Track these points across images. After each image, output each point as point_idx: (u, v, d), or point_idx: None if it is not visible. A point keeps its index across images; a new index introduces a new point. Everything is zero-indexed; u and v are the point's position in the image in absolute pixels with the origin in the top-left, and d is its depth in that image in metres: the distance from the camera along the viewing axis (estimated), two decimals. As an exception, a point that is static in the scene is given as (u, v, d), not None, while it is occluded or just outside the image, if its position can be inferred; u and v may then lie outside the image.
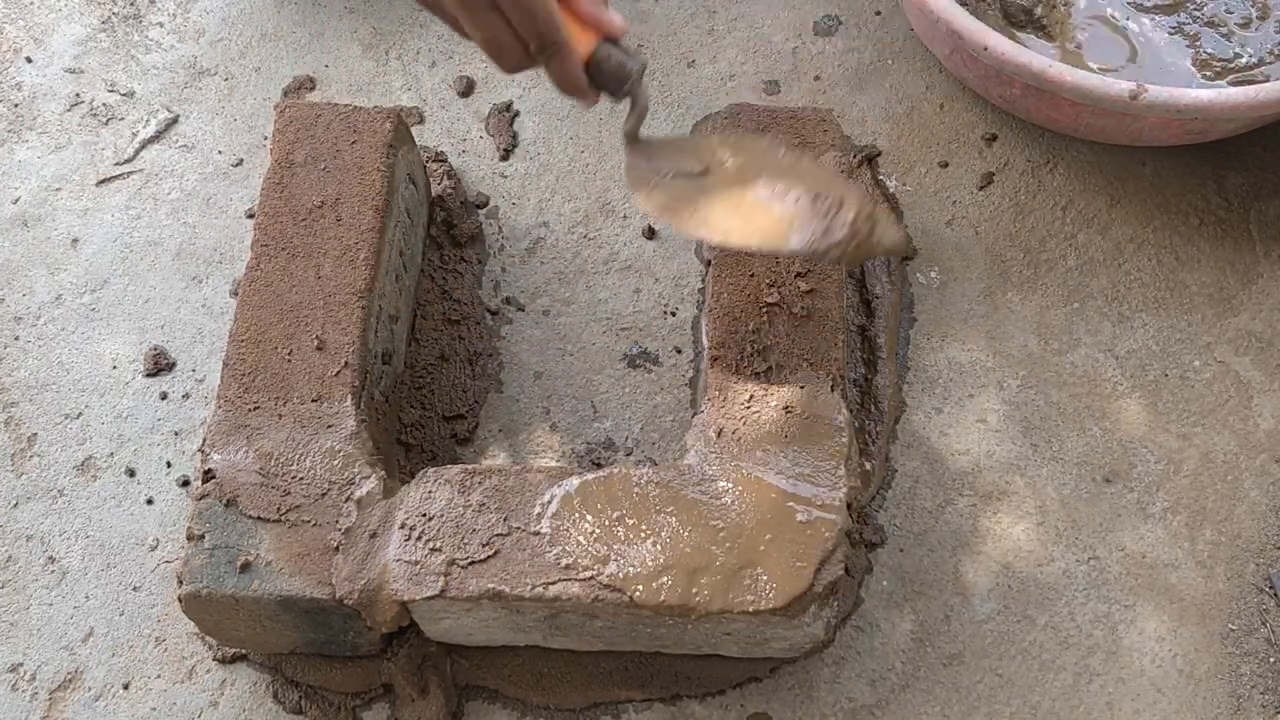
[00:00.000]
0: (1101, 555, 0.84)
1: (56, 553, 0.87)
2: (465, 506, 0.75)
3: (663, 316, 0.94)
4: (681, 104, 1.03)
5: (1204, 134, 0.91)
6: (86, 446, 0.91)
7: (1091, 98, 0.85)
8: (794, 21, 1.06)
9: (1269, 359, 0.90)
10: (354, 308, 0.81)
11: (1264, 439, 0.87)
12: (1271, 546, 0.84)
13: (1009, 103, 0.94)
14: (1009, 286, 0.94)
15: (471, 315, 0.94)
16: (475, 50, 1.07)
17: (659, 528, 0.73)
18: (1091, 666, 0.80)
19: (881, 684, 0.80)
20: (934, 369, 0.90)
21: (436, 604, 0.73)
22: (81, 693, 0.82)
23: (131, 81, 1.07)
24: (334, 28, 1.09)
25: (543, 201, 0.99)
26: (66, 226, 1.00)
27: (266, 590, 0.73)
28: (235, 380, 0.80)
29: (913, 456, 0.87)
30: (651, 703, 0.80)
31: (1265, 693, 0.79)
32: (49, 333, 0.95)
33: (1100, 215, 0.96)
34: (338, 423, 0.78)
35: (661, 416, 0.90)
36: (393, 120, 0.88)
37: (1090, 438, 0.88)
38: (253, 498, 0.76)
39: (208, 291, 0.97)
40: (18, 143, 1.04)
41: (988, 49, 0.87)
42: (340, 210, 0.84)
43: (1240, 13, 0.96)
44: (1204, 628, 0.81)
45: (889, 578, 0.84)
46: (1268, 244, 0.95)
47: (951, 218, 0.97)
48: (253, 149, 1.03)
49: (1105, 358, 0.91)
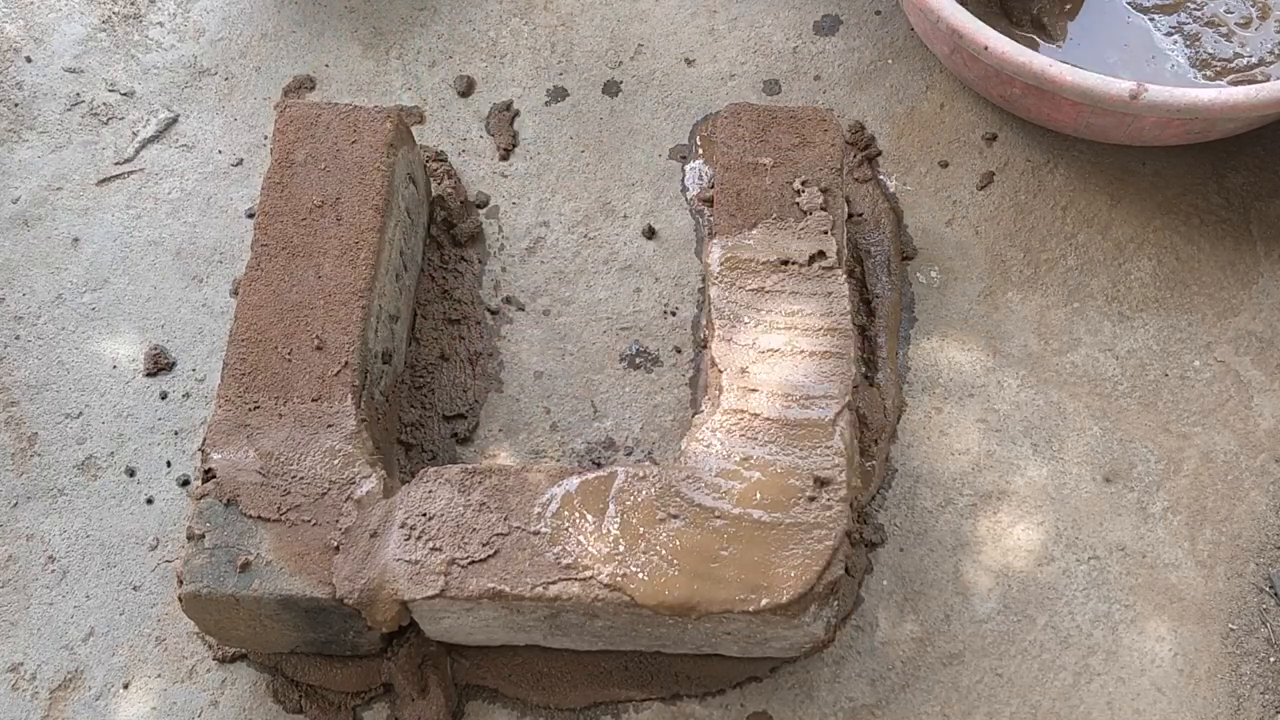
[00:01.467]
0: (1101, 555, 0.84)
1: (57, 552, 0.87)
2: (465, 506, 0.75)
3: (663, 316, 0.94)
4: (681, 103, 1.03)
5: (1204, 134, 0.91)
6: (87, 446, 0.91)
7: (1092, 97, 0.85)
8: (794, 21, 1.06)
9: (1269, 359, 0.90)
10: (354, 307, 0.81)
11: (1264, 439, 0.87)
12: (1271, 546, 0.84)
13: (1009, 102, 0.94)
14: (1009, 286, 0.94)
15: (472, 315, 0.94)
16: (475, 50, 1.07)
17: (659, 527, 0.73)
18: (1091, 666, 0.80)
19: (881, 683, 0.80)
20: (934, 369, 0.90)
21: (436, 603, 0.73)
22: (82, 692, 0.82)
23: (132, 81, 1.07)
24: (334, 27, 1.09)
25: (543, 201, 0.99)
26: (67, 226, 1.00)
27: (267, 590, 0.73)
28: (235, 380, 0.80)
29: (913, 456, 0.87)
30: (651, 702, 0.80)
31: (1265, 692, 0.79)
32: (49, 332, 0.95)
33: (1100, 215, 0.96)
34: (338, 422, 0.78)
35: (661, 416, 0.90)
36: (393, 120, 0.88)
37: (1090, 437, 0.88)
38: (253, 497, 0.76)
39: (208, 291, 0.97)
40: (18, 142, 1.04)
41: (988, 49, 0.87)
42: (340, 210, 0.84)
43: (1240, 12, 0.96)
44: (1204, 627, 0.81)
45: (889, 577, 0.84)
46: (1268, 244, 0.95)
47: (952, 217, 0.97)
48: (253, 148, 1.03)
49: (1105, 357, 0.91)
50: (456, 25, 1.09)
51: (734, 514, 0.73)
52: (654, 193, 0.99)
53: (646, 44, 1.06)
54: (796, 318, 0.81)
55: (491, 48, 1.07)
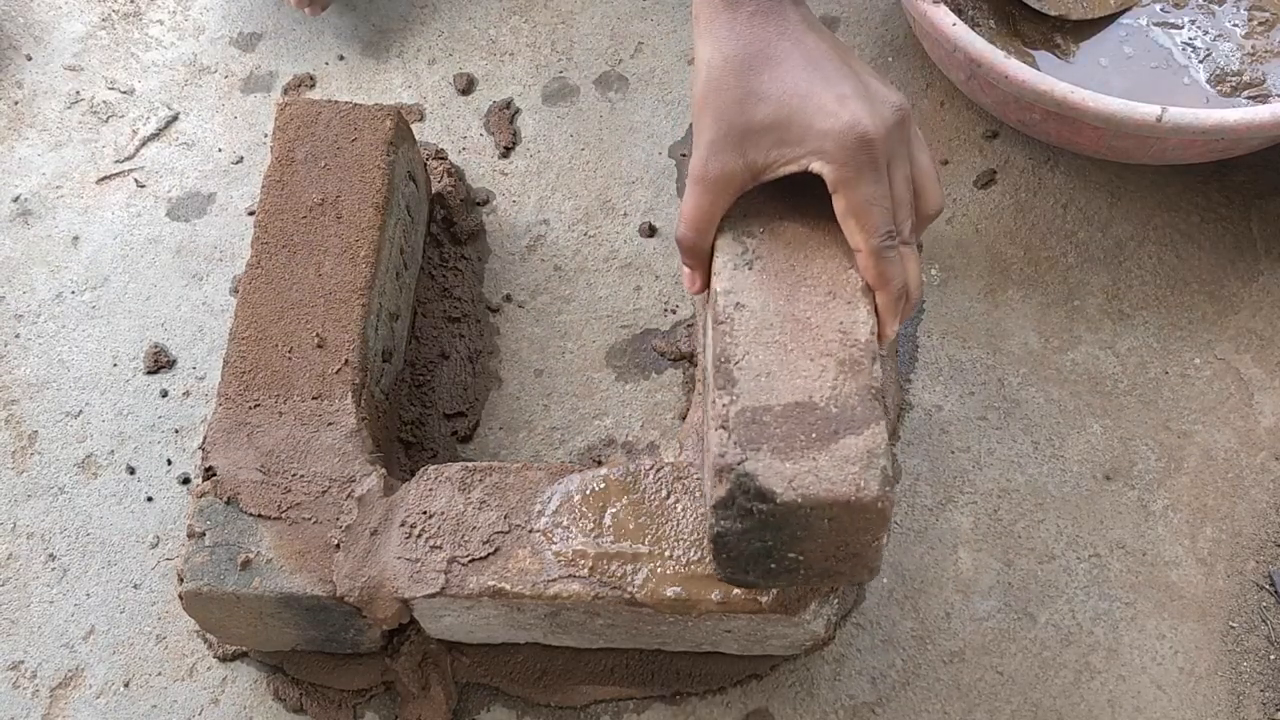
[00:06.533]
0: (1102, 553, 0.84)
1: (57, 550, 0.87)
2: (466, 504, 0.75)
3: (663, 314, 0.94)
4: (681, 102, 1.03)
5: (1227, 152, 0.90)
6: (87, 444, 0.91)
7: (1115, 122, 0.84)
8: (794, 19, 1.06)
9: (1270, 356, 0.90)
10: (354, 305, 0.81)
11: (1265, 436, 0.87)
12: (1272, 544, 0.84)
13: (1028, 126, 0.93)
14: (1009, 284, 0.94)
15: (472, 313, 0.94)
16: (475, 47, 1.07)
17: (660, 524, 0.73)
18: (1092, 664, 0.81)
19: (882, 681, 0.80)
20: (935, 366, 0.90)
21: (437, 601, 0.73)
22: (82, 690, 0.82)
23: (131, 79, 1.07)
24: (334, 25, 1.09)
25: (543, 199, 0.99)
26: (67, 224, 1.00)
27: (267, 588, 0.73)
28: (236, 378, 0.80)
29: (914, 454, 0.87)
30: (652, 700, 0.80)
31: (1265, 690, 0.79)
32: (49, 330, 0.95)
33: (1101, 213, 0.96)
34: (338, 420, 0.78)
35: (662, 414, 0.90)
36: (393, 118, 0.88)
37: (1091, 435, 0.88)
38: (253, 495, 0.76)
39: (208, 289, 0.97)
40: (18, 140, 1.04)
41: (1008, 77, 0.85)
42: (341, 208, 0.84)
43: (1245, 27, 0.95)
44: (1204, 625, 0.82)
45: (890, 575, 0.84)
46: (1269, 242, 0.95)
47: (952, 215, 0.97)
48: (253, 146, 1.03)
49: (1106, 355, 0.91)
50: (456, 23, 1.09)
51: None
52: (654, 191, 0.99)
53: (647, 42, 1.06)
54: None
55: (491, 45, 1.07)
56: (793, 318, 0.67)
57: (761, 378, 0.65)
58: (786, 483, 0.62)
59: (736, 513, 0.63)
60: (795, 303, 0.67)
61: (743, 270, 0.69)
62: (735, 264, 0.69)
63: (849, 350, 0.66)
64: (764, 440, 0.63)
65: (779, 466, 0.62)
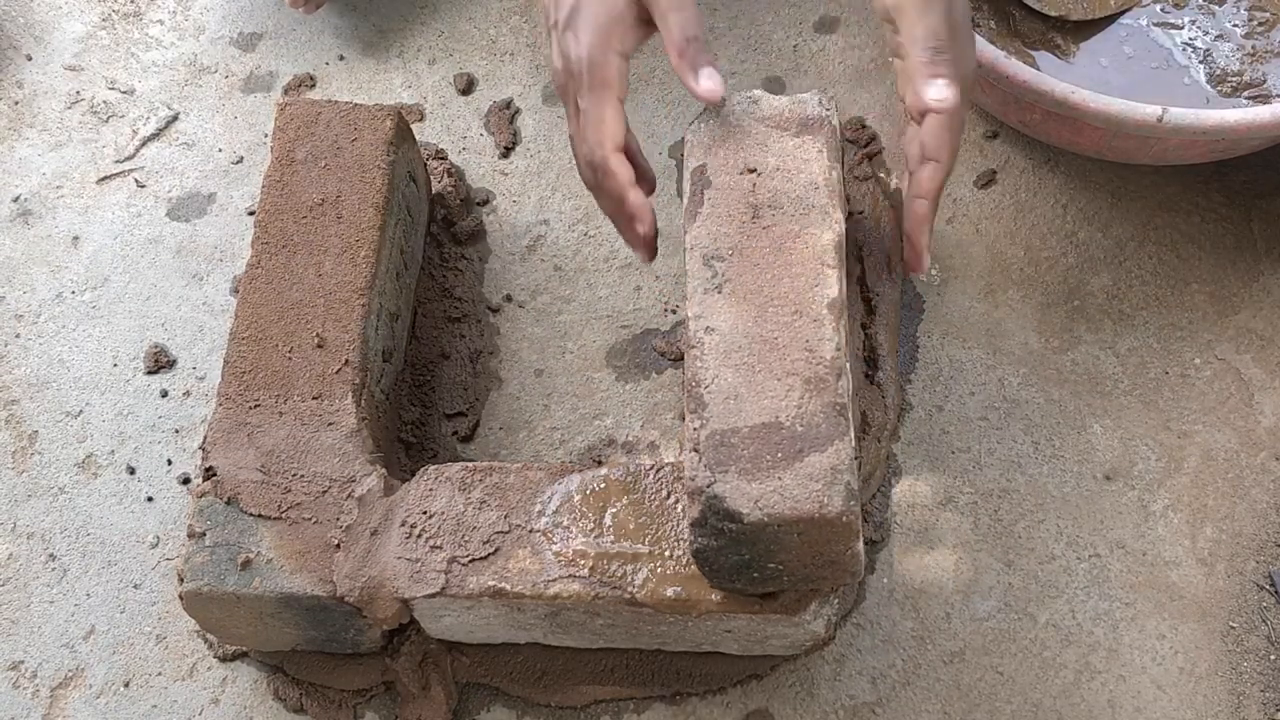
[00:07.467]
0: (1102, 553, 0.84)
1: (57, 550, 0.87)
2: (466, 504, 0.75)
3: (663, 314, 0.94)
4: (680, 101, 1.03)
5: (1228, 152, 0.90)
6: (87, 444, 0.91)
7: (1116, 122, 0.84)
8: (795, 19, 1.06)
9: (1270, 356, 0.90)
10: (354, 305, 0.81)
11: (1265, 436, 0.87)
12: (1272, 544, 0.84)
13: (1029, 127, 0.93)
14: (1010, 284, 0.94)
15: (472, 313, 0.94)
16: (475, 47, 1.07)
17: (660, 524, 0.73)
18: (1092, 664, 0.81)
19: (882, 681, 0.80)
20: (935, 366, 0.90)
21: (437, 601, 0.73)
22: (82, 690, 0.82)
23: (132, 79, 1.07)
24: (334, 25, 1.09)
25: (543, 199, 0.99)
26: (67, 224, 1.00)
27: (267, 588, 0.73)
28: (236, 378, 0.80)
29: (914, 454, 0.87)
30: (652, 700, 0.80)
31: (1265, 690, 0.79)
32: (49, 330, 0.95)
33: (1101, 213, 0.96)
34: (338, 420, 0.78)
35: (662, 414, 0.90)
36: (393, 118, 0.88)
37: (1091, 435, 0.88)
38: (253, 495, 0.76)
39: (208, 289, 0.97)
40: (18, 140, 1.04)
41: (1008, 77, 0.85)
42: (341, 208, 0.84)
43: (1245, 27, 0.95)
44: (1204, 625, 0.82)
45: (890, 575, 0.84)
46: (1269, 242, 0.95)
47: (952, 215, 0.97)
48: (253, 146, 1.03)
49: (1106, 355, 0.91)
50: (457, 23, 1.09)
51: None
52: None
53: (646, 41, 1.06)
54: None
55: (491, 45, 1.07)
56: (760, 339, 0.69)
57: (730, 400, 0.68)
58: (753, 503, 0.64)
59: (710, 531, 0.66)
60: (763, 324, 0.70)
61: (712, 294, 0.71)
62: (705, 288, 0.71)
63: (814, 368, 0.68)
64: (732, 462, 0.66)
65: (745, 488, 0.65)
